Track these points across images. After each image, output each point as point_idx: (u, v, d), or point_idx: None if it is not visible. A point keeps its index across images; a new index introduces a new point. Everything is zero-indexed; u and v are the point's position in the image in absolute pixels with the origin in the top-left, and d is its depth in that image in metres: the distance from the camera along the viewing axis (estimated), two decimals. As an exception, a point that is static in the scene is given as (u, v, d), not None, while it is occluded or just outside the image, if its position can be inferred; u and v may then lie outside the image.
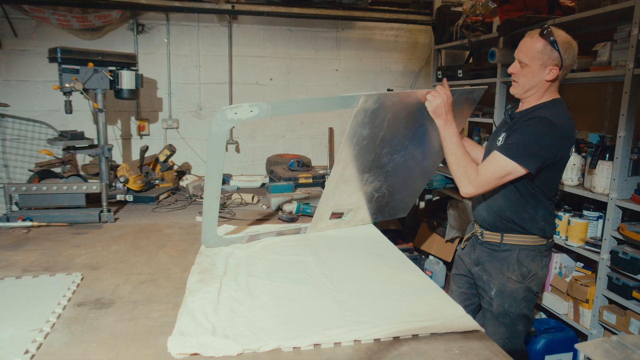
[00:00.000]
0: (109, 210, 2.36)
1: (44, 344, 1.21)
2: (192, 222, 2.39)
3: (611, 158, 2.41)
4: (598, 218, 2.61)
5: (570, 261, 2.87)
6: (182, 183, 3.23)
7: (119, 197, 2.76)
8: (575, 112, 3.20)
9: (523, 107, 1.82)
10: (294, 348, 1.21)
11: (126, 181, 2.77)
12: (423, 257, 4.06)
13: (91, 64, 2.72)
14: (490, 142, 1.91)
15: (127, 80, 2.96)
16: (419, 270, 1.75)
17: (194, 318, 1.32)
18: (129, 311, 1.41)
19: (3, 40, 3.50)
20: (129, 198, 2.77)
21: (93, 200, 2.50)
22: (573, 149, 1.83)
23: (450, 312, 1.39)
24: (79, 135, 2.80)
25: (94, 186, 2.36)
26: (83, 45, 3.56)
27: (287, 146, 4.30)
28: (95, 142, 2.89)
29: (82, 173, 3.35)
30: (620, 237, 2.36)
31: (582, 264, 2.80)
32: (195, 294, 1.49)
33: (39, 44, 3.54)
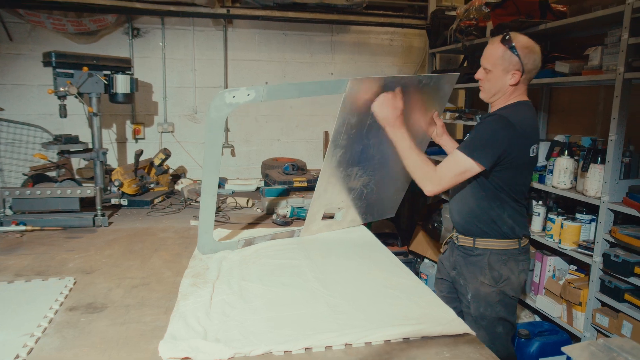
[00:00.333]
0: (103, 214, 2.36)
1: (34, 349, 1.21)
2: (186, 226, 2.39)
3: (603, 161, 2.42)
4: (590, 221, 2.62)
5: (563, 264, 2.88)
6: (177, 187, 3.23)
7: (114, 200, 2.76)
8: (568, 115, 3.22)
9: (492, 110, 1.89)
10: (285, 352, 1.21)
11: (121, 185, 2.77)
12: (418, 260, 4.06)
13: (86, 68, 2.72)
14: None
15: (122, 84, 2.96)
16: (411, 273, 1.77)
17: (186, 322, 1.33)
18: (121, 315, 1.41)
19: (-2, 44, 3.50)
20: (124, 202, 2.78)
21: (88, 204, 2.49)
22: (534, 151, 1.80)
23: (441, 316, 1.40)
24: (74, 139, 2.81)
25: (88, 190, 2.36)
26: (78, 49, 3.57)
27: (282, 150, 4.30)
28: (90, 146, 2.89)
29: (77, 177, 3.34)
30: (612, 240, 2.38)
31: (576, 267, 2.81)
32: (188, 298, 1.49)
33: (34, 48, 3.54)
